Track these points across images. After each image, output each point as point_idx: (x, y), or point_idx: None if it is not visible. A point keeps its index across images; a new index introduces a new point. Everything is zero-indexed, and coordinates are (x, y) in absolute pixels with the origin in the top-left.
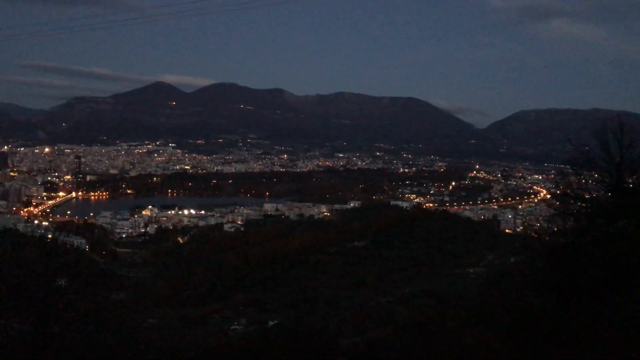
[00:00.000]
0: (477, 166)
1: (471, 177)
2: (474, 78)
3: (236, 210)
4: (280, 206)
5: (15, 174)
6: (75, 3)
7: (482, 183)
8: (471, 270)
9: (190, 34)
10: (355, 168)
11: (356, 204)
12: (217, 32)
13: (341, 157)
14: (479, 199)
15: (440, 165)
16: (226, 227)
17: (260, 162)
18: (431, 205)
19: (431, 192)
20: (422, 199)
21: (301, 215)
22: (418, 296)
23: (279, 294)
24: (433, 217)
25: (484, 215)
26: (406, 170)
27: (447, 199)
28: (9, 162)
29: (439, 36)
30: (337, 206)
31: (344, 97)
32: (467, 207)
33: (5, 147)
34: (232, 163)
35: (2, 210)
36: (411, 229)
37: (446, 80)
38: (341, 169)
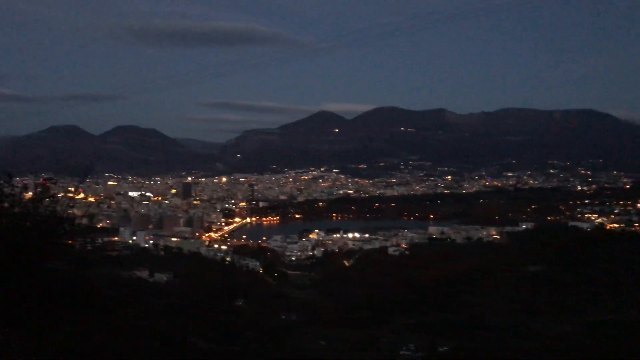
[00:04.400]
0: None
1: None
2: None
3: (400, 234)
4: (445, 229)
5: (198, 202)
6: (246, 43)
7: None
8: None
9: (350, 62)
10: (526, 187)
11: (529, 226)
12: (376, 58)
13: (510, 176)
14: None
15: (626, 182)
16: (390, 250)
17: (423, 184)
18: (616, 225)
19: (615, 211)
20: (604, 219)
21: (468, 238)
22: (604, 326)
23: (446, 319)
24: (619, 238)
25: None
26: (585, 188)
27: (635, 218)
28: (192, 191)
29: (617, 41)
30: (507, 228)
31: (511, 113)
32: None
33: (189, 178)
34: (394, 186)
35: (187, 235)
36: (593, 251)
37: (629, 89)
38: (511, 188)
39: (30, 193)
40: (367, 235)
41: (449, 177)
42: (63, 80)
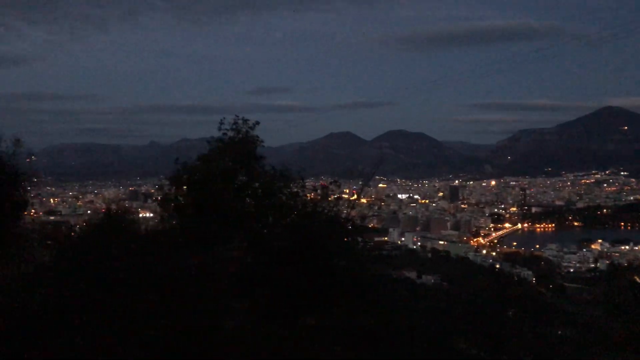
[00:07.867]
0: None
1: None
2: None
3: None
4: None
5: (465, 206)
6: (516, 41)
7: None
8: None
9: None
10: None
11: None
12: None
13: None
14: None
15: None
16: None
17: None
18: None
19: None
20: None
21: None
22: None
23: None
24: None
25: None
26: None
27: None
28: (460, 195)
29: None
30: None
31: None
32: None
33: (457, 182)
34: None
35: (454, 239)
36: None
37: None
38: None
39: (313, 194)
40: None
41: None
42: (340, 90)
